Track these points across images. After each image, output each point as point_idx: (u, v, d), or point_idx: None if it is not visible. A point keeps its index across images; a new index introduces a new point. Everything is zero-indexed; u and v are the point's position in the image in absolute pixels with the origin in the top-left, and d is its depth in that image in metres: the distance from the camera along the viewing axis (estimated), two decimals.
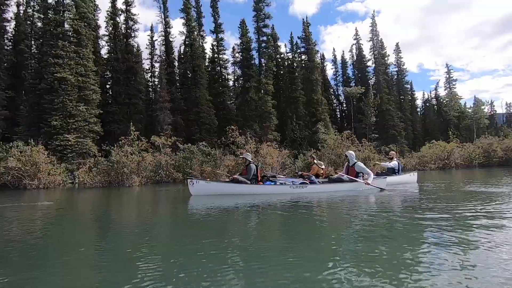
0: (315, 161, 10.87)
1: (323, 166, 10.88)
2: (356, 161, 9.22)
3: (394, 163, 11.36)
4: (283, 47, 39.98)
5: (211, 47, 33.95)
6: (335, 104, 48.76)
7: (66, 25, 22.10)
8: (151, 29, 33.53)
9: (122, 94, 27.32)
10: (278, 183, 8.95)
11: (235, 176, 8.96)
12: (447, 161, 24.49)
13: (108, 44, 28.15)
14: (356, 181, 8.78)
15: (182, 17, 30.36)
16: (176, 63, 32.14)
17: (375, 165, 16.09)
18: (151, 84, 33.96)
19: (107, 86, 28.64)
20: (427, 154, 25.56)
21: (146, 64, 33.64)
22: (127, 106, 27.26)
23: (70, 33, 21.97)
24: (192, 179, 8.59)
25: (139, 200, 8.90)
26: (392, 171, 11.03)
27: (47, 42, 21.39)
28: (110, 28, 28.28)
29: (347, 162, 9.48)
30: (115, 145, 13.83)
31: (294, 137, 32.91)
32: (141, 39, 48.53)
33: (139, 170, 13.42)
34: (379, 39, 46.28)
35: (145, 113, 29.20)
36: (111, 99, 27.13)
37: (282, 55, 39.45)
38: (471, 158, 25.07)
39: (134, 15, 29.30)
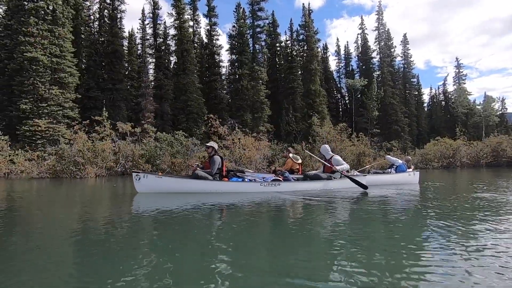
0: (290, 154, 9.25)
1: (299, 161, 9.24)
2: (332, 154, 7.78)
3: (396, 160, 10.02)
4: (283, 35, 37.92)
5: (205, 33, 32.05)
6: (337, 97, 46.61)
7: (41, 2, 20.34)
8: (143, 12, 31.82)
9: (106, 79, 25.68)
10: (246, 180, 7.36)
11: (196, 169, 7.22)
12: (452, 160, 22.62)
13: (92, 25, 26.36)
14: (335, 178, 7.57)
15: None
16: (172, 48, 30.26)
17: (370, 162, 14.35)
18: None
19: (91, 70, 26.90)
20: (430, 151, 23.67)
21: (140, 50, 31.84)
22: (110, 91, 25.63)
23: (45, 10, 20.24)
24: (138, 172, 6.86)
25: (66, 196, 7.26)
26: (390, 166, 9.88)
27: (18, 19, 19.74)
28: (95, 8, 26.54)
29: (323, 158, 7.98)
30: (71, 131, 12.20)
31: (290, 130, 31.10)
32: (136, 25, 46.72)
33: (97, 160, 11.79)
34: (386, 29, 43.79)
35: (134, 100, 27.52)
36: (93, 84, 25.43)
37: (281, 43, 37.38)
38: (478, 157, 23.23)
39: None
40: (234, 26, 29.23)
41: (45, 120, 18.93)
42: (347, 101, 46.26)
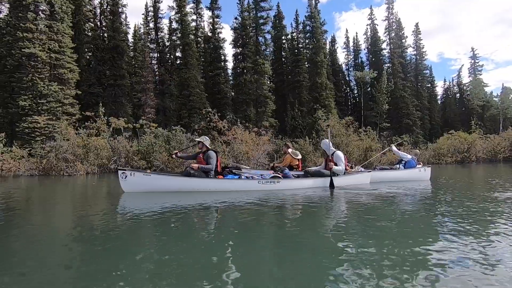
0: (290, 150, 8.58)
1: (299, 157, 8.58)
2: (334, 150, 7.17)
3: (405, 154, 9.16)
4: (289, 28, 36.79)
5: (208, 26, 31.31)
6: (346, 91, 45.23)
7: None
8: (146, 7, 31.31)
9: (107, 75, 25.34)
10: (243, 177, 6.79)
11: (194, 165, 6.59)
12: (467, 154, 21.38)
13: (93, 20, 25.99)
14: (338, 175, 7.01)
15: None
16: (175, 42, 29.61)
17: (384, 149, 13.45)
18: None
19: (93, 66, 26.62)
20: (444, 145, 22.44)
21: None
22: (112, 87, 25.28)
23: (42, 5, 19.88)
24: (124, 170, 6.26)
25: (43, 197, 6.75)
26: (399, 162, 9.05)
27: (16, 14, 19.47)
28: (96, 3, 26.14)
29: (325, 153, 7.35)
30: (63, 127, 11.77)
31: (295, 124, 30.22)
32: (140, 19, 46.34)
33: (89, 157, 11.33)
34: (397, 19, 42.02)
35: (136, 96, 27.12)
36: (95, 80, 25.14)
37: (287, 36, 36.32)
38: (495, 152, 21.95)
39: None
40: (236, 18, 28.43)
41: (45, 117, 18.66)
42: (356, 95, 44.88)
